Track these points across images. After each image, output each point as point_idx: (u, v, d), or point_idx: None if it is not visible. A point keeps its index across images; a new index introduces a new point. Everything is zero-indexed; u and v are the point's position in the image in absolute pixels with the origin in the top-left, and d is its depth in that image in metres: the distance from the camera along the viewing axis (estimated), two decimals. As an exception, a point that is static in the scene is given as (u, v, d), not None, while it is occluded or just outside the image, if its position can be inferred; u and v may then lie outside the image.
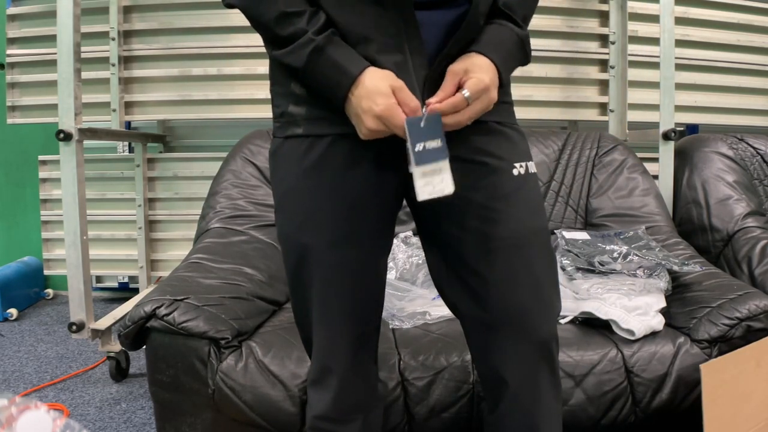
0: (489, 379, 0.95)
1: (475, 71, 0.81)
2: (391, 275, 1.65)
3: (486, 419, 0.99)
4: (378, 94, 0.78)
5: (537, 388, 0.91)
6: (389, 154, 0.85)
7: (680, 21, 2.31)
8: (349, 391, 0.95)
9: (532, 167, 0.91)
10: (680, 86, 2.28)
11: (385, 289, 0.99)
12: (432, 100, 0.81)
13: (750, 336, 1.27)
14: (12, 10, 2.41)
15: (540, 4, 0.97)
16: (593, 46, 2.39)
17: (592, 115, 2.42)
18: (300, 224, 0.89)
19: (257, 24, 0.84)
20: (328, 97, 0.83)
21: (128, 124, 2.51)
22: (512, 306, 0.89)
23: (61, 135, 1.72)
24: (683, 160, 2.00)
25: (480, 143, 0.88)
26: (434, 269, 0.96)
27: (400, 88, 0.79)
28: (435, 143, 0.80)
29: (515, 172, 0.89)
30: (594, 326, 1.36)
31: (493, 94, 0.82)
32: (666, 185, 1.97)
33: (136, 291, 2.61)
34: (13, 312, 2.52)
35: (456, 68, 0.82)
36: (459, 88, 0.81)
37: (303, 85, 0.85)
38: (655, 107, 2.00)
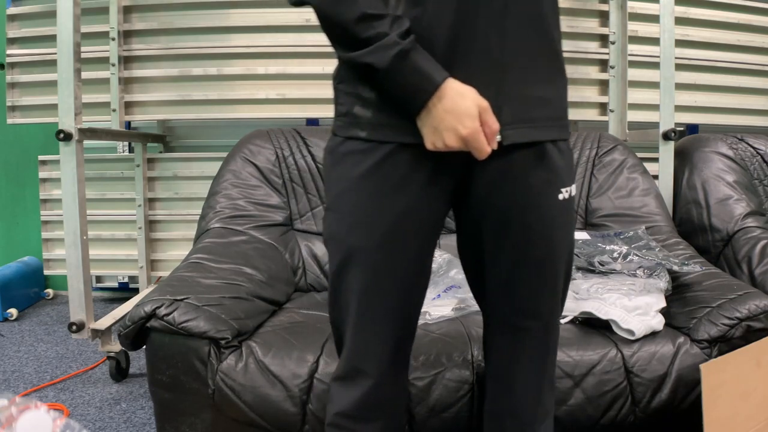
0: (499, 370, 1.00)
1: None
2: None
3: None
4: (466, 115, 0.80)
5: (543, 375, 0.99)
6: (447, 161, 0.87)
7: (680, 21, 2.31)
8: (379, 393, 0.95)
9: (573, 190, 0.94)
10: (680, 86, 2.28)
11: None
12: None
13: (750, 336, 1.27)
14: (12, 10, 2.41)
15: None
16: (593, 46, 2.39)
17: (592, 114, 2.42)
18: (350, 225, 0.90)
19: (333, 24, 0.83)
20: (402, 103, 0.83)
21: (128, 124, 2.51)
22: (527, 314, 0.95)
23: (61, 135, 1.72)
24: (683, 160, 2.00)
25: (531, 164, 0.89)
26: (467, 271, 1.01)
27: (485, 110, 0.81)
28: None
29: (561, 197, 0.91)
30: (594, 326, 1.36)
31: None
32: (666, 185, 1.97)
33: (136, 291, 2.61)
34: (13, 312, 2.52)
35: None
36: None
37: (377, 88, 0.85)
38: (655, 107, 2.00)
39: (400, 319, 0.94)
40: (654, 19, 2.08)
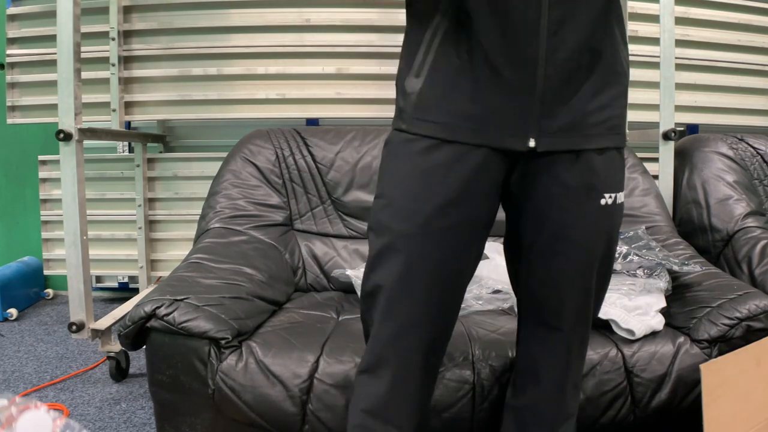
0: (527, 365, 1.03)
1: None
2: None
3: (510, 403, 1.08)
4: None
5: (569, 374, 1.02)
6: (491, 158, 0.89)
7: (680, 21, 2.31)
8: (404, 389, 0.94)
9: (621, 197, 0.95)
10: (680, 86, 2.28)
11: None
12: None
13: (750, 336, 1.27)
14: (12, 10, 2.40)
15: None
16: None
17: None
18: (395, 212, 0.92)
19: None
20: None
21: (128, 124, 2.51)
22: (556, 312, 0.98)
23: (61, 135, 1.72)
24: (683, 160, 2.00)
25: (578, 169, 0.91)
26: (509, 266, 1.04)
27: None
28: None
29: (603, 201, 0.92)
30: (594, 326, 1.34)
31: None
32: (666, 185, 1.97)
33: (136, 291, 2.61)
34: (13, 312, 2.52)
35: None
36: None
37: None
38: (655, 107, 2.00)
39: (431, 314, 0.94)
40: (654, 19, 2.08)
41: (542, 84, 0.86)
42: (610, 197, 0.93)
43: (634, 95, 2.31)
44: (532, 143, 0.88)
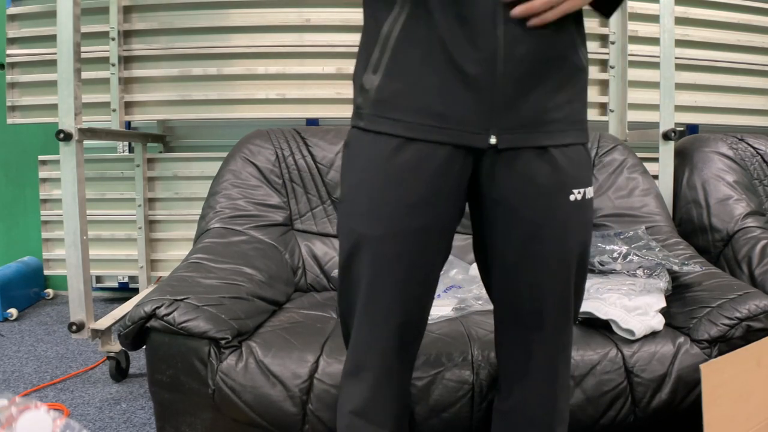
0: (509, 368, 1.02)
1: None
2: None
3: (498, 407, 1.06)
4: None
5: (555, 374, 1.00)
6: (455, 155, 0.88)
7: (680, 21, 2.31)
8: (383, 390, 0.95)
9: (590, 192, 0.94)
10: (680, 86, 2.28)
11: None
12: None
13: (750, 336, 1.27)
14: (12, 10, 2.41)
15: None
16: (593, 46, 2.39)
17: (592, 115, 2.40)
18: (360, 214, 0.91)
19: None
20: None
21: (128, 124, 2.51)
22: (536, 311, 0.95)
23: (61, 135, 1.72)
24: (683, 160, 2.00)
25: (544, 166, 0.90)
26: (481, 269, 1.02)
27: None
28: None
29: (572, 197, 0.91)
30: (594, 326, 1.35)
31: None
32: (666, 185, 1.97)
33: (136, 291, 2.61)
34: (13, 312, 2.52)
35: None
36: None
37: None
38: (655, 107, 2.00)
39: (406, 314, 0.94)
40: (654, 19, 2.08)
41: (501, 79, 0.84)
42: (579, 192, 0.92)
43: (634, 95, 2.34)
44: (493, 140, 0.87)
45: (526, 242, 0.92)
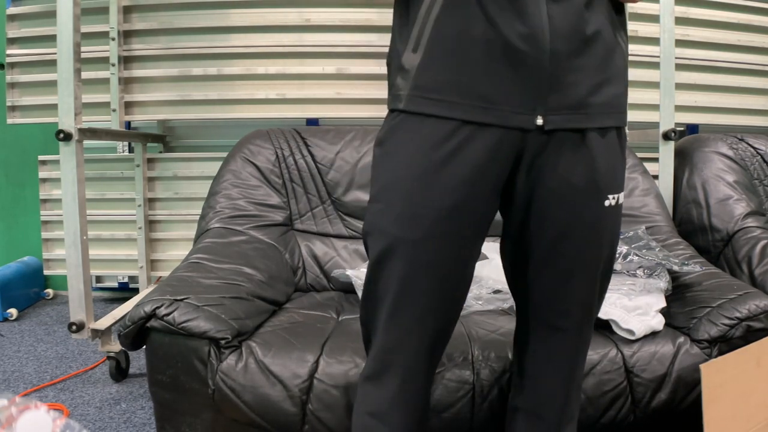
0: (528, 367, 1.02)
1: None
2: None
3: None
4: None
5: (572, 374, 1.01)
6: (496, 153, 0.86)
7: (680, 21, 2.31)
8: (410, 392, 0.94)
9: (621, 198, 0.94)
10: (680, 86, 2.28)
11: None
12: None
13: (750, 336, 1.27)
14: (12, 10, 2.40)
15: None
16: (593, 46, 2.39)
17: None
18: (395, 216, 0.88)
19: None
20: None
21: (128, 124, 2.51)
22: (563, 313, 0.96)
23: (61, 135, 1.72)
24: (683, 160, 2.00)
25: (580, 164, 0.88)
26: (506, 267, 1.02)
27: None
28: None
29: (607, 203, 0.91)
30: (594, 326, 1.35)
31: None
32: (666, 185, 1.97)
33: (136, 291, 2.61)
34: (13, 312, 2.52)
35: None
36: None
37: None
38: (655, 107, 2.00)
39: (439, 317, 0.93)
40: (654, 19, 2.08)
41: (548, 57, 0.82)
42: (614, 198, 0.92)
43: (634, 95, 2.32)
44: (539, 120, 0.84)
45: (556, 242, 0.91)
